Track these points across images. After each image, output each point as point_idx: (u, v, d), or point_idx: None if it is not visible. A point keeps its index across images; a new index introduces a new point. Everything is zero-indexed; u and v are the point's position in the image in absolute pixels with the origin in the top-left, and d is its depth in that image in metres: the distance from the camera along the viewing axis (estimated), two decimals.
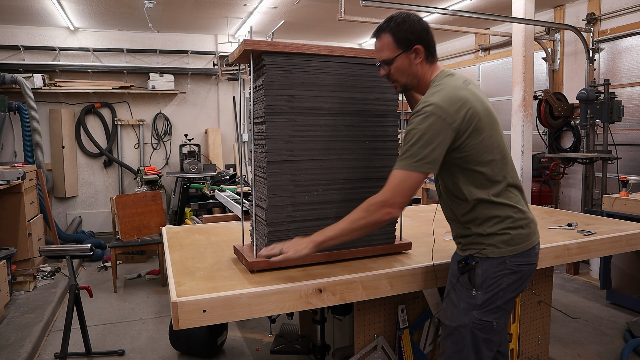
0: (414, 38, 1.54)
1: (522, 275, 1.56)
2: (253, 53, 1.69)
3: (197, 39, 6.71)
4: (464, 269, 1.58)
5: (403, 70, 1.59)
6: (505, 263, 1.52)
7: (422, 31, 1.55)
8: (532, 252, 1.58)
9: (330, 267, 1.76)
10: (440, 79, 1.56)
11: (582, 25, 4.91)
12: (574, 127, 5.06)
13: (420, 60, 1.57)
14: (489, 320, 1.54)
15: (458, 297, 1.59)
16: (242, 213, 2.10)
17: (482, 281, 1.53)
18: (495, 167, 1.52)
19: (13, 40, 5.94)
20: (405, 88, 1.65)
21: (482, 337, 1.54)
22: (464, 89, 1.51)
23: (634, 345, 2.93)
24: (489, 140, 1.50)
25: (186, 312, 1.42)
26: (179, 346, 3.04)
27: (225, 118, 6.97)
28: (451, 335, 1.59)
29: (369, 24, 4.47)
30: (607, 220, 2.66)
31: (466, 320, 1.55)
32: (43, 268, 4.39)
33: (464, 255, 1.60)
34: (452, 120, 1.44)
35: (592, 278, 4.37)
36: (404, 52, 1.56)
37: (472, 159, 1.50)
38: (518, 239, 1.54)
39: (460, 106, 1.46)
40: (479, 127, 1.48)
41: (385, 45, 1.57)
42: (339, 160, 1.82)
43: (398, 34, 1.54)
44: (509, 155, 1.59)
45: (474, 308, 1.54)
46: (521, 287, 1.58)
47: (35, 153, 5.35)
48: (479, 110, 1.49)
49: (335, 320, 2.34)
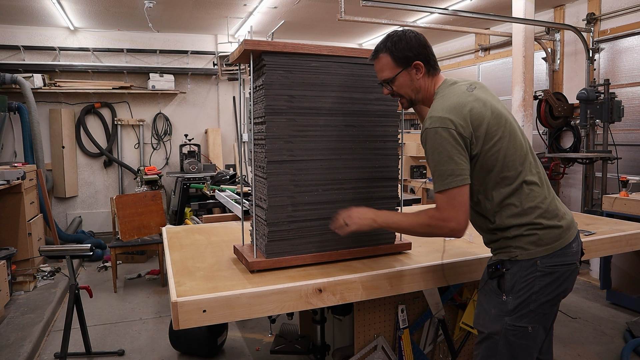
0: (412, 55, 1.54)
1: (557, 276, 1.48)
2: (253, 53, 1.69)
3: (197, 39, 6.71)
4: (493, 274, 1.53)
5: (406, 87, 1.59)
6: (536, 265, 1.47)
7: (419, 46, 1.55)
8: (568, 252, 1.51)
9: (330, 267, 1.76)
10: (443, 89, 1.56)
11: (582, 25, 4.91)
12: (574, 127, 5.06)
13: (422, 75, 1.57)
14: (522, 325, 1.48)
15: (488, 303, 1.54)
16: (242, 213, 2.10)
17: (512, 286, 1.48)
18: (513, 168, 1.49)
19: (13, 40, 5.94)
20: (412, 103, 1.65)
21: (517, 343, 1.49)
22: (469, 95, 1.50)
23: (634, 345, 2.93)
24: (503, 142, 1.48)
25: (186, 312, 1.42)
26: (179, 346, 3.04)
27: (225, 118, 6.97)
28: (485, 340, 1.54)
29: (369, 24, 4.47)
30: (607, 220, 2.66)
31: (498, 327, 1.49)
32: (43, 268, 4.39)
33: (495, 260, 1.56)
34: (462, 128, 1.43)
35: (592, 278, 4.37)
36: (404, 70, 1.56)
37: (489, 163, 1.48)
38: (548, 239, 1.48)
39: (465, 113, 1.45)
40: (489, 131, 1.47)
41: (385, 65, 1.58)
42: (339, 160, 1.82)
43: (396, 52, 1.55)
44: (529, 151, 1.55)
45: (505, 314, 1.49)
46: (559, 289, 1.50)
47: (35, 153, 5.35)
48: (486, 113, 1.47)
49: (335, 320, 2.33)
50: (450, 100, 1.48)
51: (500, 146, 1.48)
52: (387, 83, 1.61)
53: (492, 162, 1.48)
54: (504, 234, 1.51)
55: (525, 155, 1.53)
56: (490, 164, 1.48)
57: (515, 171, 1.49)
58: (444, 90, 1.55)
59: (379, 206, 1.89)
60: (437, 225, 1.46)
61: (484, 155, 1.47)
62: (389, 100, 1.88)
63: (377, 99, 1.86)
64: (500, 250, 1.54)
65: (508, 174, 1.49)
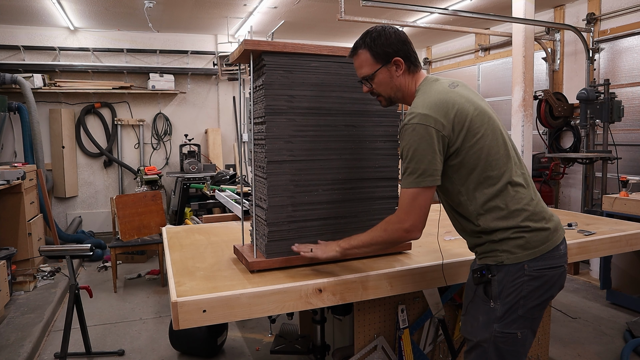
0: (392, 51, 1.52)
1: (545, 280, 1.44)
2: (253, 53, 1.69)
3: (197, 39, 6.71)
4: (479, 280, 1.48)
5: (385, 84, 1.56)
6: (524, 269, 1.42)
7: (399, 42, 1.52)
8: (556, 254, 1.47)
9: (330, 267, 1.76)
10: (424, 86, 1.52)
11: (582, 25, 4.91)
12: (574, 127, 5.06)
13: (402, 72, 1.54)
14: (511, 332, 1.44)
15: (476, 310, 1.50)
16: (242, 213, 2.10)
17: (500, 291, 1.44)
18: (496, 167, 1.45)
19: (13, 40, 5.94)
20: (390, 102, 1.62)
21: (506, 350, 1.45)
22: (450, 92, 1.47)
23: (634, 345, 2.93)
24: (486, 139, 1.44)
25: (186, 312, 1.42)
26: (179, 346, 3.04)
27: (225, 118, 6.97)
28: (474, 349, 1.51)
29: (369, 24, 4.47)
30: (607, 220, 2.66)
31: (487, 334, 1.45)
32: (43, 268, 4.39)
33: (480, 265, 1.51)
34: (441, 126, 1.40)
35: (592, 278, 4.37)
36: (384, 66, 1.53)
37: (471, 161, 1.44)
38: (535, 242, 1.44)
39: (447, 110, 1.41)
40: (472, 128, 1.43)
41: (364, 61, 1.55)
42: (339, 160, 1.81)
43: (375, 48, 1.52)
44: (513, 152, 1.52)
45: (493, 321, 1.44)
46: (547, 293, 1.46)
47: (35, 153, 5.35)
48: (469, 110, 1.44)
49: (335, 320, 2.33)
50: (432, 97, 1.45)
51: (483, 144, 1.44)
52: (366, 80, 1.58)
53: (475, 161, 1.44)
54: (489, 237, 1.47)
55: (509, 155, 1.49)
56: (473, 162, 1.44)
57: (499, 171, 1.45)
58: (426, 86, 1.52)
59: (379, 206, 1.89)
60: (393, 228, 1.47)
61: (466, 152, 1.43)
62: None
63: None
64: (485, 254, 1.50)
65: (492, 173, 1.45)
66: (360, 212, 1.86)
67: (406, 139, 1.43)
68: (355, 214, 1.86)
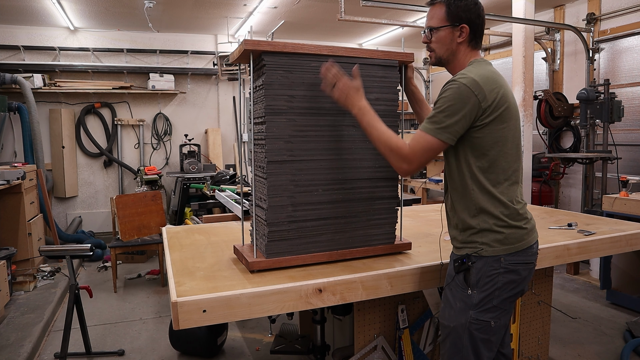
0: (464, 17, 1.57)
1: (518, 274, 1.55)
2: (253, 53, 1.69)
3: (197, 39, 6.71)
4: (459, 268, 1.58)
5: (443, 42, 1.62)
6: (500, 262, 1.53)
7: (474, 14, 1.58)
8: (529, 252, 1.58)
9: (330, 267, 1.76)
10: (478, 62, 1.59)
11: (582, 25, 4.91)
12: (574, 127, 5.06)
13: (463, 40, 1.60)
14: (485, 319, 1.54)
15: (454, 297, 1.59)
16: (242, 213, 2.10)
17: (477, 280, 1.54)
18: (505, 160, 1.54)
19: (13, 40, 5.94)
20: (440, 61, 1.68)
21: (480, 338, 1.54)
22: (501, 77, 1.56)
23: (634, 345, 2.93)
24: (508, 131, 1.53)
25: (186, 312, 1.42)
26: (179, 346, 3.05)
27: (225, 118, 6.97)
28: (449, 336, 1.59)
29: (369, 24, 4.48)
30: (607, 220, 2.65)
31: (463, 320, 1.55)
32: (43, 268, 4.39)
33: (460, 254, 1.60)
34: (483, 97, 1.47)
35: (592, 278, 4.37)
36: (450, 26, 1.59)
37: (488, 143, 1.51)
38: (512, 239, 1.54)
39: (495, 88, 1.49)
40: (505, 115, 1.51)
41: (436, 14, 1.61)
42: (339, 160, 1.81)
43: (452, 7, 1.58)
44: (520, 153, 1.61)
45: (470, 307, 1.54)
46: (519, 287, 1.57)
47: (35, 153, 5.35)
48: (510, 99, 1.53)
49: (335, 320, 2.34)
50: (486, 72, 1.52)
51: (506, 134, 1.53)
52: (429, 30, 1.64)
53: (492, 145, 1.52)
54: (472, 221, 1.56)
55: (519, 156, 1.60)
56: (490, 146, 1.52)
57: (508, 165, 1.55)
58: (480, 63, 1.58)
59: (379, 206, 1.89)
60: (397, 157, 1.55)
61: (489, 133, 1.50)
62: (388, 100, 1.88)
63: (377, 99, 1.85)
64: (466, 244, 1.58)
65: (502, 164, 1.54)
66: (360, 212, 1.86)
67: (448, 92, 1.50)
68: (355, 214, 1.86)
